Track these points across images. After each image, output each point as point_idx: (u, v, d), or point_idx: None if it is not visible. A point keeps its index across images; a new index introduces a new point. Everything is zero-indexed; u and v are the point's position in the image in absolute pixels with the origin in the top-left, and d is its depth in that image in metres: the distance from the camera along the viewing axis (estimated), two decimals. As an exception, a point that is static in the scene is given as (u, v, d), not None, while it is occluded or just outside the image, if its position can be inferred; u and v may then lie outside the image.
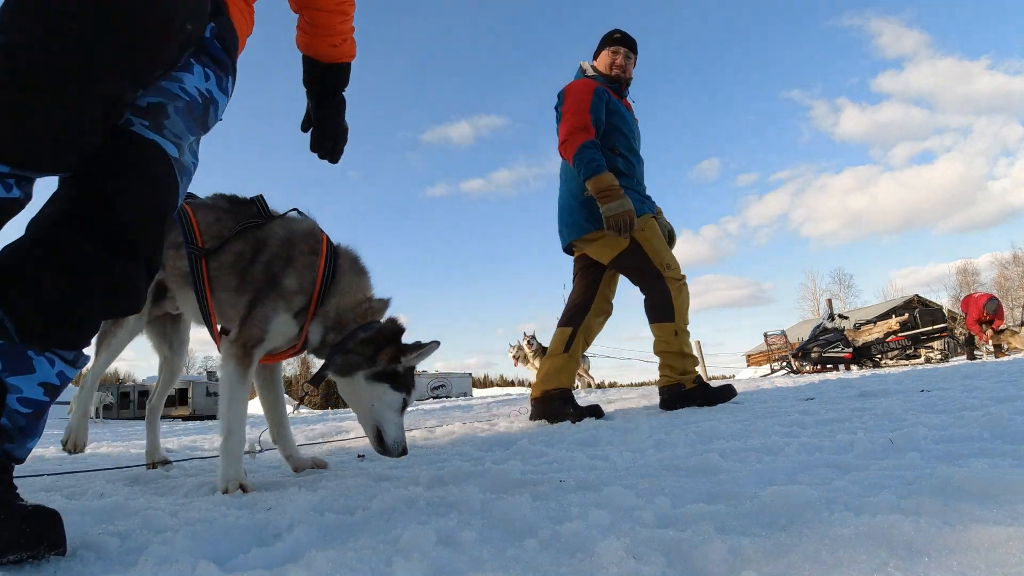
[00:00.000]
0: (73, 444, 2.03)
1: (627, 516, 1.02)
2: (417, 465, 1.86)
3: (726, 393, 3.29)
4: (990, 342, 12.28)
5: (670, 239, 3.70)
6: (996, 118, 54.87)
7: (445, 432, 3.05)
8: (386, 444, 1.65)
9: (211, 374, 20.74)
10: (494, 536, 0.98)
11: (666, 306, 3.31)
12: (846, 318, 13.20)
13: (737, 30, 70.22)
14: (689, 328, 3.36)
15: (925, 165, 58.60)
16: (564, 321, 3.53)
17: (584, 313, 3.51)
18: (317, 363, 1.79)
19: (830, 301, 16.24)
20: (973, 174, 55.72)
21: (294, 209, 1.81)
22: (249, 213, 1.74)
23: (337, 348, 1.65)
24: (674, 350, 3.31)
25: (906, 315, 13.98)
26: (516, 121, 71.89)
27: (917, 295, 39.00)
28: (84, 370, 1.20)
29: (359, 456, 2.26)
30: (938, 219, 61.32)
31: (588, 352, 12.91)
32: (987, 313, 11.89)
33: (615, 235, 3.23)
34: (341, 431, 3.70)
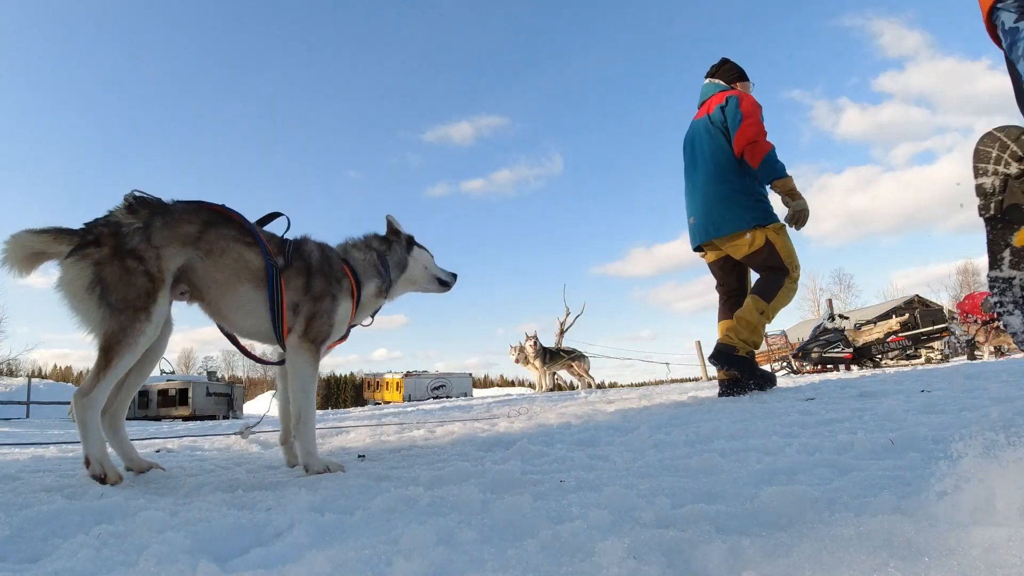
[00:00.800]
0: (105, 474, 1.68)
1: (627, 516, 1.02)
2: (417, 465, 1.86)
3: (768, 378, 3.83)
4: (990, 343, 12.27)
5: None
6: (996, 118, 54.64)
7: (445, 432, 3.05)
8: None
9: (211, 374, 20.72)
10: (494, 536, 0.98)
11: (773, 290, 3.79)
12: (846, 318, 13.19)
13: (738, 30, 70.25)
14: (767, 324, 3.87)
15: (926, 165, 58.59)
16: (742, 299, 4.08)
17: (743, 295, 4.06)
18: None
19: (830, 301, 16.24)
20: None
21: (279, 213, 2.08)
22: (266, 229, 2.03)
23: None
24: (752, 321, 3.78)
25: (906, 315, 13.98)
26: (517, 121, 71.99)
27: (917, 295, 38.96)
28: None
29: (359, 456, 2.26)
30: (939, 219, 61.26)
31: (588, 352, 12.83)
32: (985, 312, 11.87)
33: (792, 227, 3.86)
34: (341, 431, 3.70)
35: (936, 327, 12.46)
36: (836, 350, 12.02)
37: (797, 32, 67.66)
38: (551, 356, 12.18)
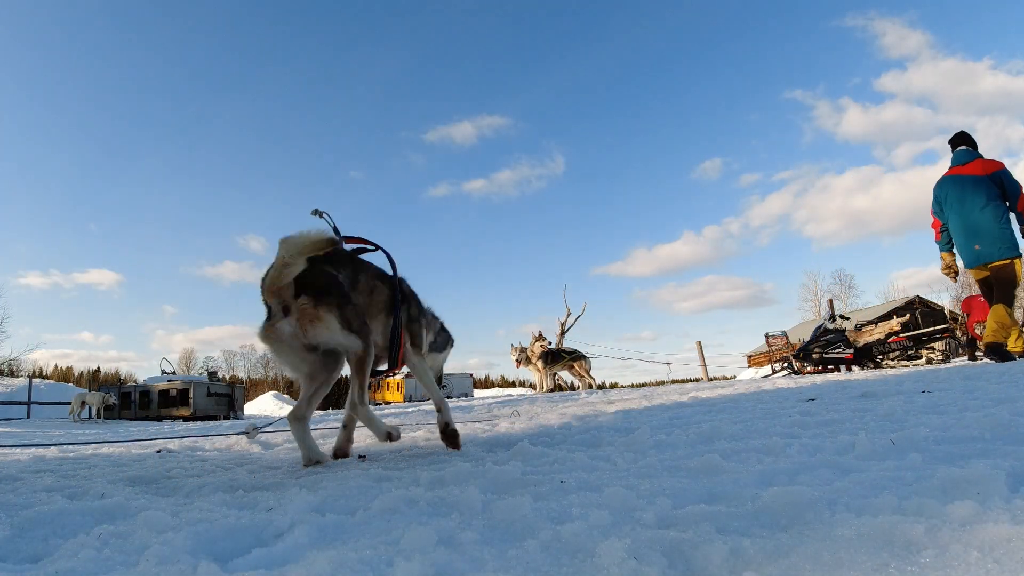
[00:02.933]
0: None
1: (628, 517, 1.02)
2: (418, 466, 1.86)
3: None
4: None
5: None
6: (999, 118, 54.67)
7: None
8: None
9: (212, 374, 20.70)
10: (495, 537, 0.98)
11: (1011, 297, 5.84)
12: (847, 319, 13.16)
13: (740, 30, 70.08)
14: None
15: (928, 166, 58.49)
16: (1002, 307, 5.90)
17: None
18: None
19: (831, 302, 16.24)
20: (978, 175, 55.66)
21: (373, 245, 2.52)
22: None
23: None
24: (1003, 321, 5.72)
25: (907, 316, 13.95)
26: (519, 121, 71.79)
27: (918, 296, 38.95)
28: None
29: (360, 457, 2.26)
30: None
31: (589, 353, 12.76)
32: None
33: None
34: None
35: (937, 328, 12.44)
36: (837, 351, 12.00)
37: (799, 32, 67.54)
38: (553, 357, 12.15)
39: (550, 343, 12.12)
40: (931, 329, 12.61)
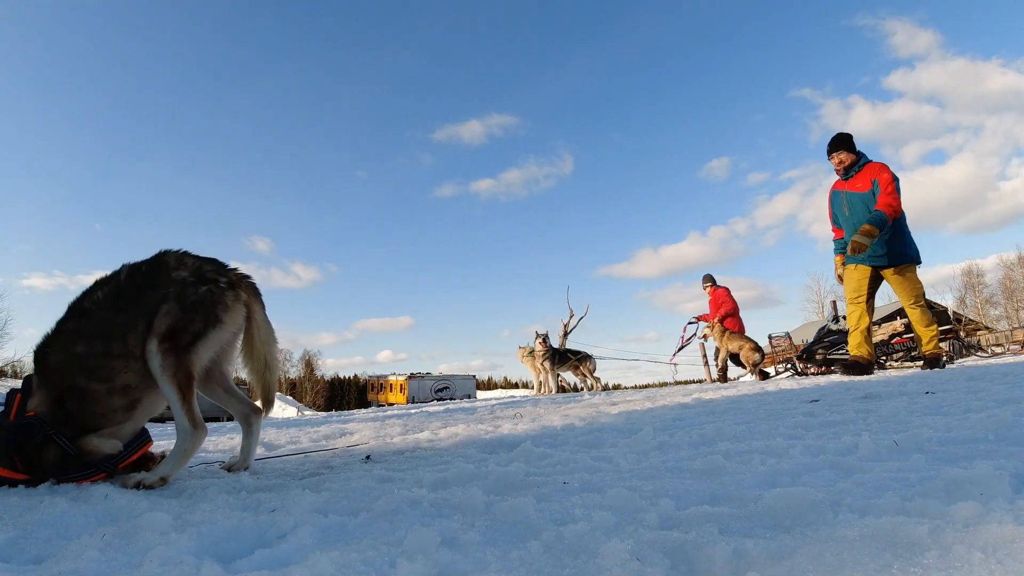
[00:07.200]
0: None
1: (631, 518, 1.02)
2: (421, 467, 1.86)
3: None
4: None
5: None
6: (1007, 116, 54.57)
7: (449, 434, 3.05)
8: None
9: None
10: (498, 538, 0.98)
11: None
12: (850, 319, 13.12)
13: (749, 29, 70.11)
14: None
15: (937, 165, 58.35)
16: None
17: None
18: (317, 363, 1.90)
19: (835, 303, 16.15)
20: (985, 174, 55.41)
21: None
22: None
23: None
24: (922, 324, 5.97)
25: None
26: (528, 120, 71.87)
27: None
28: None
29: (365, 458, 2.26)
30: (948, 220, 61.01)
31: (596, 353, 12.71)
32: None
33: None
34: (345, 433, 3.71)
35: (941, 329, 12.39)
36: (840, 352, 11.96)
37: (808, 31, 67.59)
38: (560, 358, 12.10)
39: (549, 342, 12.07)
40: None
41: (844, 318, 13.07)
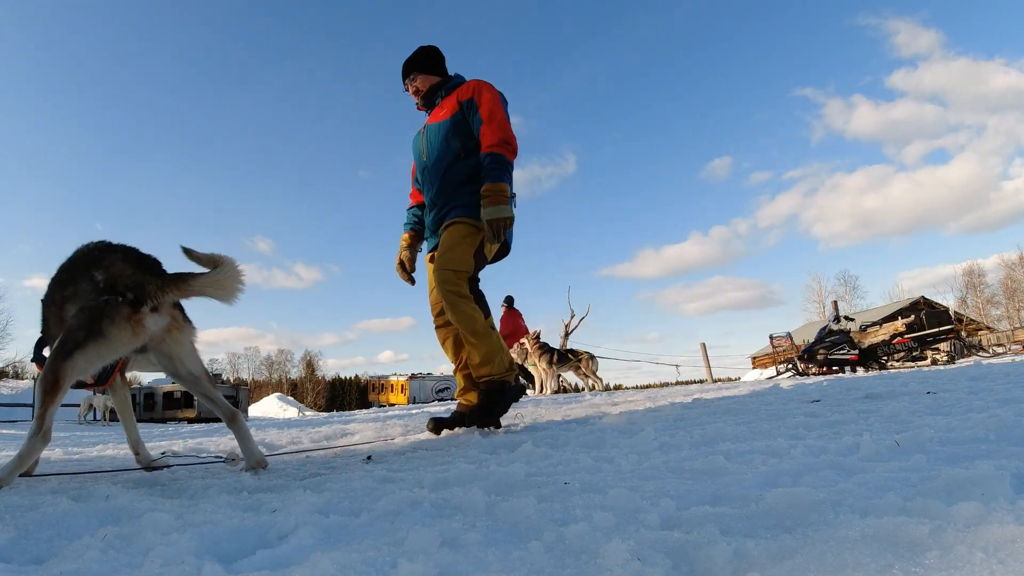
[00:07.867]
0: None
1: (632, 518, 1.02)
2: (422, 467, 1.86)
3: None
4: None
5: None
6: (1010, 115, 54.34)
7: (450, 434, 3.05)
8: None
9: (216, 376, 20.78)
10: (499, 538, 0.98)
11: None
12: (852, 320, 13.13)
13: (751, 29, 69.99)
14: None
15: (939, 165, 58.26)
16: None
17: None
18: (319, 364, 1.88)
19: (836, 303, 16.18)
20: (987, 174, 55.27)
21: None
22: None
23: None
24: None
25: (912, 317, 13.91)
26: (530, 120, 71.68)
27: (923, 297, 38.78)
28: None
29: (366, 458, 2.27)
30: (950, 220, 60.94)
31: (597, 353, 12.73)
32: None
33: None
34: (346, 433, 3.71)
35: (942, 328, 12.39)
36: (841, 352, 11.97)
37: (810, 30, 67.34)
38: (560, 357, 12.12)
39: (546, 344, 12.09)
40: (936, 330, 12.57)
41: (846, 318, 13.09)
